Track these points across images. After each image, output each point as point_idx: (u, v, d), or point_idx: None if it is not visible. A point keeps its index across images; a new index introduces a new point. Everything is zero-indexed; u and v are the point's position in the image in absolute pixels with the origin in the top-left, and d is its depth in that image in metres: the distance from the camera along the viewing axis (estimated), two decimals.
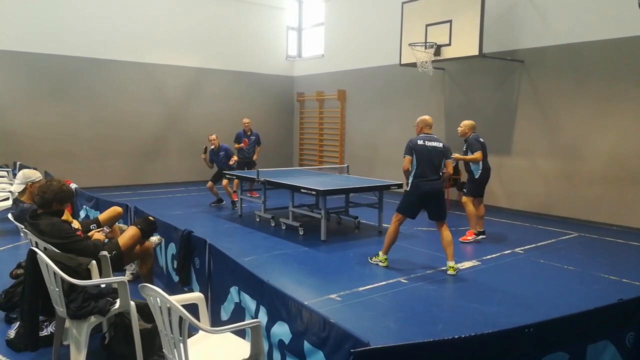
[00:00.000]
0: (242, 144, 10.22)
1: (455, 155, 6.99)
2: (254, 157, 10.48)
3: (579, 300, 4.84)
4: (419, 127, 5.85)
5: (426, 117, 5.89)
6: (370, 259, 6.04)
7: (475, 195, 7.15)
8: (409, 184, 5.72)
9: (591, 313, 2.28)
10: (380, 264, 5.90)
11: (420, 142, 5.62)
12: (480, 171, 7.02)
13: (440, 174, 5.70)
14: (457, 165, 9.98)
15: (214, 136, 9.82)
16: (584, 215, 8.61)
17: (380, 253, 5.94)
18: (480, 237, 7.23)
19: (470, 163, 7.05)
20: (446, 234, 5.75)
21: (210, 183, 9.82)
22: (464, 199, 7.14)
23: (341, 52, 13.52)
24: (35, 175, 5.23)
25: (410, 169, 5.63)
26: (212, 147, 9.80)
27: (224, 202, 9.96)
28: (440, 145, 5.66)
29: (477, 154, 6.86)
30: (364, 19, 12.76)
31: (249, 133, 10.43)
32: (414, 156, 5.59)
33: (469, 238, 7.10)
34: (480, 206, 7.27)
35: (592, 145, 8.47)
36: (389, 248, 5.89)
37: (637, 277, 5.55)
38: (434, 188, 5.63)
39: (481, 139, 7.07)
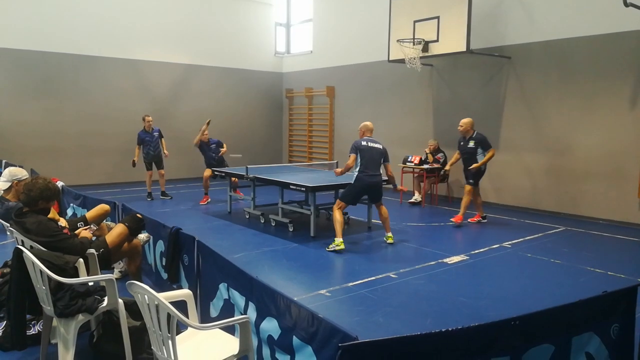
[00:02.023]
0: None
1: (474, 165, 7.76)
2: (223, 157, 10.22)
3: (565, 293, 4.90)
4: (361, 131, 6.88)
5: (367, 123, 6.97)
6: (327, 248, 6.37)
7: (478, 185, 8.03)
8: (354, 178, 6.59)
9: (576, 305, 2.31)
10: (337, 247, 6.29)
11: (364, 143, 6.61)
12: (484, 165, 7.85)
13: (381, 171, 6.68)
14: (445, 160, 10.05)
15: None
16: (570, 210, 8.71)
17: (335, 239, 6.36)
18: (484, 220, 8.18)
19: (478, 156, 7.77)
20: (384, 210, 6.80)
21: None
22: (470, 188, 7.84)
23: (330, 48, 13.50)
24: (22, 173, 5.16)
25: (354, 166, 6.56)
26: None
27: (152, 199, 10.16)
28: (380, 147, 6.70)
29: (492, 151, 7.77)
30: (352, 15, 12.75)
31: (207, 141, 10.13)
32: (358, 154, 6.52)
33: (476, 219, 8.13)
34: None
35: (578, 141, 8.56)
36: (341, 232, 6.44)
37: (622, 269, 5.63)
38: (375, 181, 6.62)
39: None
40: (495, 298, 4.78)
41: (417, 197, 10.00)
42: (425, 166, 9.81)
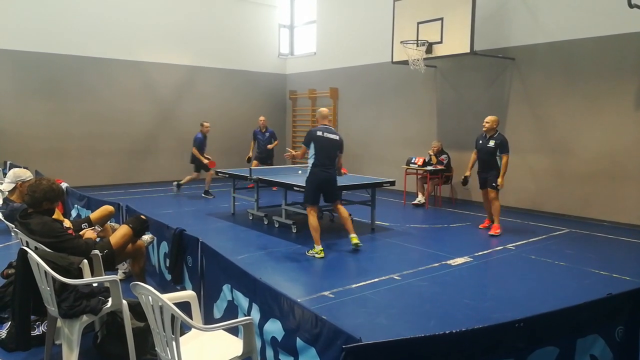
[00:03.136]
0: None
1: (500, 181, 7.29)
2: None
3: (570, 295, 4.88)
4: (317, 119, 6.52)
5: (322, 109, 6.59)
6: (307, 252, 6.26)
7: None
8: (308, 172, 6.32)
9: (581, 307, 2.29)
10: (317, 255, 6.12)
11: (319, 133, 6.21)
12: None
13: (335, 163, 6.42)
14: (449, 161, 10.04)
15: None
16: (574, 212, 8.68)
17: (315, 245, 6.20)
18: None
19: (498, 161, 7.32)
20: (342, 210, 6.48)
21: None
22: (495, 194, 7.43)
23: (333, 50, 13.51)
24: (26, 174, 5.16)
25: (309, 157, 6.28)
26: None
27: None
28: (337, 137, 6.34)
29: (507, 157, 7.24)
30: (355, 16, 12.76)
31: (264, 130, 11.20)
32: (313, 146, 6.18)
33: (498, 231, 7.40)
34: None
35: (582, 142, 8.53)
36: (319, 238, 6.22)
37: (627, 272, 5.61)
38: (330, 175, 6.31)
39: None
40: (499, 300, 4.77)
41: (420, 198, 9.98)
42: (429, 167, 9.79)
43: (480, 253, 6.36)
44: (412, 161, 10.10)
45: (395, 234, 7.43)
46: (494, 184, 7.38)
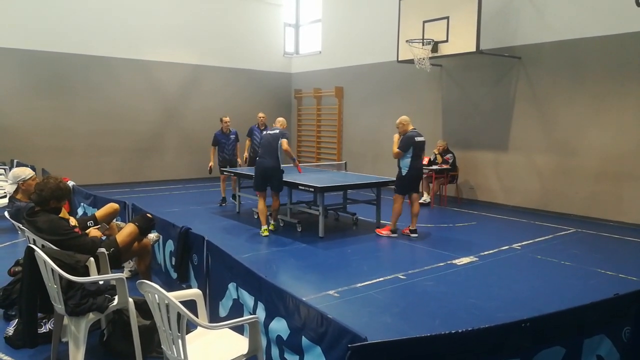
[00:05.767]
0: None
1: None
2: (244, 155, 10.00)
3: (576, 295, 4.86)
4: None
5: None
6: (259, 234, 7.13)
7: (403, 193, 7.13)
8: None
9: (587, 308, 2.29)
10: (263, 234, 7.07)
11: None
12: (407, 169, 6.97)
13: (278, 155, 7.12)
14: (454, 161, 10.02)
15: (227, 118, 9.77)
16: (580, 211, 8.64)
17: (262, 226, 7.17)
18: (413, 235, 7.15)
19: (400, 160, 7.04)
20: (276, 203, 7.38)
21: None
22: (394, 195, 7.19)
23: (338, 49, 13.50)
24: (25, 172, 5.11)
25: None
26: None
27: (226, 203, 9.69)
28: (277, 132, 7.21)
29: (394, 151, 6.98)
30: (361, 15, 12.74)
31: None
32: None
33: (384, 232, 7.21)
34: (415, 204, 7.24)
35: (588, 141, 8.49)
36: (265, 220, 7.18)
37: (634, 272, 5.58)
38: (267, 164, 7.11)
39: (417, 138, 6.95)
40: (505, 299, 4.75)
41: (426, 198, 9.96)
42: (434, 167, 9.77)
43: (485, 253, 6.35)
44: None
45: (396, 234, 7.41)
46: (394, 187, 7.25)
